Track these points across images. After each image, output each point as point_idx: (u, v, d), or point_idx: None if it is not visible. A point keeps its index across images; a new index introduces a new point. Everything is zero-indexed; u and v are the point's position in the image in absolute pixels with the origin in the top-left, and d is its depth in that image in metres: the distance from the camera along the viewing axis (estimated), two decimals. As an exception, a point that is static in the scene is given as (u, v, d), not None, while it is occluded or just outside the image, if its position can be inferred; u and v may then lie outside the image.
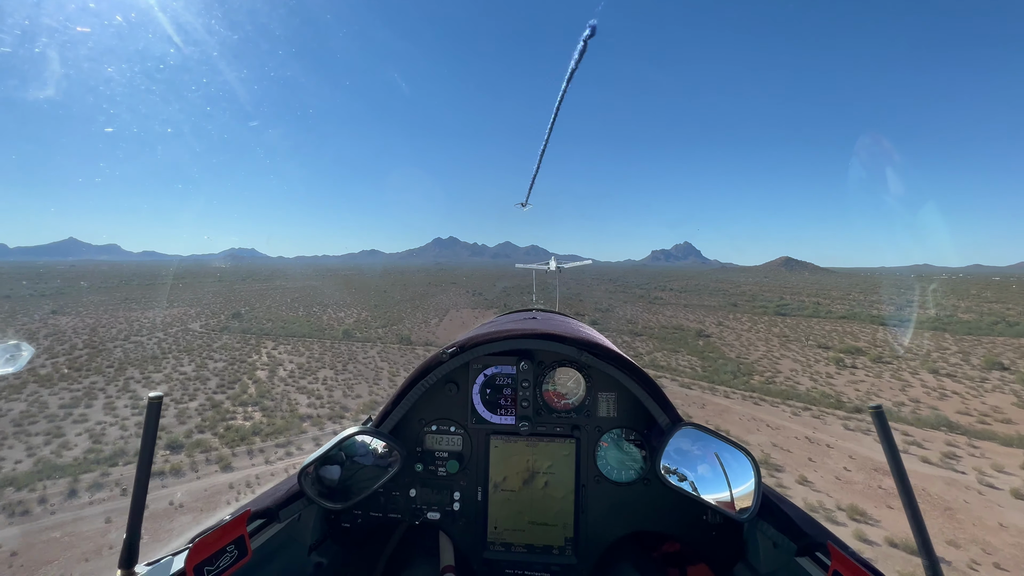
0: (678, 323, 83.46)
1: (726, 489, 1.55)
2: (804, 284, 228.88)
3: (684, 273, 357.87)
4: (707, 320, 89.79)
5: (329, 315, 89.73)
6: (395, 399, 1.92)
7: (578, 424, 1.96)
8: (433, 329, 73.14)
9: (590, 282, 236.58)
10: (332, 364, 47.03)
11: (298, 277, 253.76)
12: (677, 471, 1.62)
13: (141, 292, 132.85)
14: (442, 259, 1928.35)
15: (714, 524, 1.80)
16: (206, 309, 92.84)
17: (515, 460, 1.95)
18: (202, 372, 42.29)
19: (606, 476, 1.91)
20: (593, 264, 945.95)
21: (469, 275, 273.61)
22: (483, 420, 2.00)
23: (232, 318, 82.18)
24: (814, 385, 41.63)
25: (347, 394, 37.18)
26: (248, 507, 1.51)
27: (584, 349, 1.85)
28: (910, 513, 1.13)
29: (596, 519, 1.89)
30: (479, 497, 1.94)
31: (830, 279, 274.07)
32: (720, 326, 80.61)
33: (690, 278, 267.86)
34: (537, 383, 1.98)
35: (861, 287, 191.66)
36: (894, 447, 1.16)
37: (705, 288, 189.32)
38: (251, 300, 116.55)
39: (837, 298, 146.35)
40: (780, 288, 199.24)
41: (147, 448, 1.17)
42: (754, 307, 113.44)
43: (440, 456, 1.98)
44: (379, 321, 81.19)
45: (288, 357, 50.02)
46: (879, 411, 1.19)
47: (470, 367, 2.03)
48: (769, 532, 1.52)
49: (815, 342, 63.17)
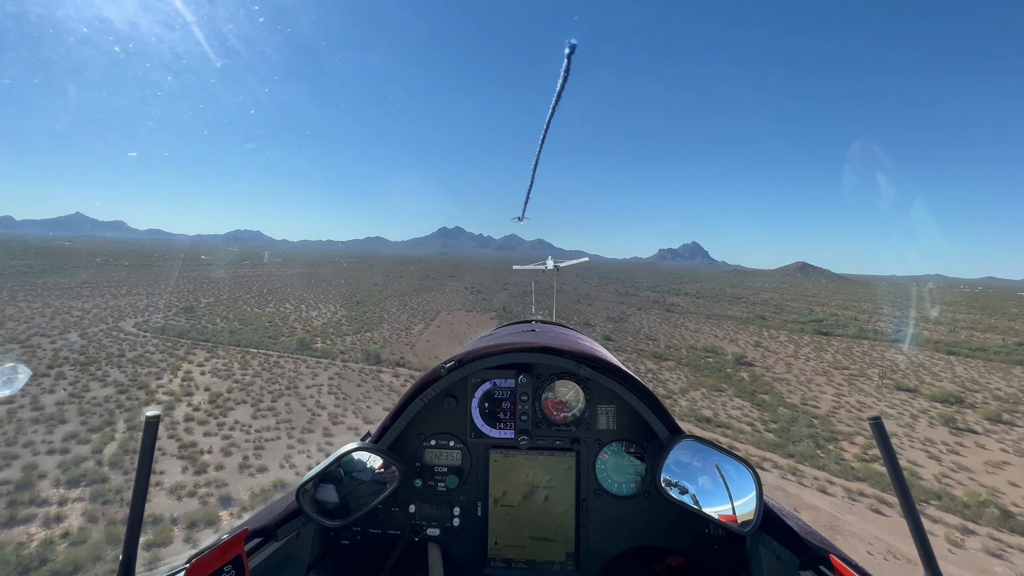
0: (708, 342, 70.54)
1: (728, 502, 1.54)
2: (825, 293, 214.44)
3: (694, 273, 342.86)
4: (740, 338, 76.81)
5: (300, 313, 77.42)
6: (393, 414, 1.89)
7: (578, 437, 1.95)
8: (414, 340, 60.62)
9: (596, 281, 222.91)
10: (260, 396, 34.59)
11: (293, 263, 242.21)
12: (678, 484, 1.61)
13: (111, 275, 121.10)
14: (447, 249, 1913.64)
15: (716, 537, 1.78)
16: (160, 300, 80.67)
17: (515, 474, 1.93)
18: (65, 408, 29.84)
19: (607, 490, 1.89)
20: (599, 261, 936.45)
21: (471, 268, 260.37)
22: (482, 434, 1.97)
23: (182, 313, 70.05)
24: (940, 470, 28.75)
25: (247, 463, 24.61)
26: (245, 526, 1.50)
27: (583, 362, 1.84)
28: (911, 522, 1.13)
29: (597, 533, 1.87)
30: (479, 512, 1.91)
31: (850, 288, 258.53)
32: (759, 348, 67.58)
33: (702, 280, 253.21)
34: (536, 396, 1.97)
35: (889, 299, 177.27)
36: (894, 457, 1.17)
37: (722, 293, 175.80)
38: (223, 290, 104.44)
39: (871, 312, 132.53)
40: (802, 296, 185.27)
41: (144, 466, 1.17)
42: (786, 322, 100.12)
43: (439, 471, 1.95)
44: (353, 325, 68.79)
45: (209, 379, 37.65)
46: (878, 422, 1.21)
47: (468, 381, 1.99)
48: (772, 545, 1.51)
49: (889, 380, 50.14)
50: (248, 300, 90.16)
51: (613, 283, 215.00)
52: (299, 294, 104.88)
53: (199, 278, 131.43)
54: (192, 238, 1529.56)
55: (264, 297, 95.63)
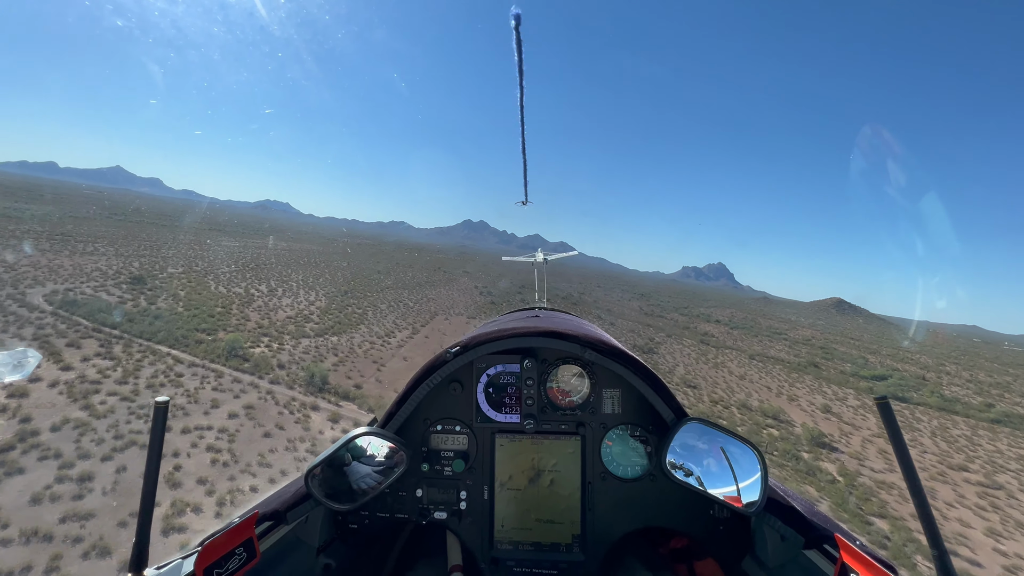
0: (761, 397, 55.73)
1: (732, 483, 1.55)
2: (867, 335, 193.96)
3: (720, 297, 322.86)
4: (798, 393, 61.63)
5: (270, 300, 65.35)
6: (400, 399, 1.90)
7: (583, 421, 1.96)
8: (388, 355, 47.59)
9: (619, 294, 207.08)
10: (88, 447, 21.84)
11: (305, 239, 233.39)
12: (683, 466, 1.62)
13: (101, 229, 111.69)
14: (468, 242, 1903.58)
15: (721, 519, 1.80)
16: (113, 266, 69.61)
17: (521, 458, 1.94)
18: None
19: (612, 473, 1.90)
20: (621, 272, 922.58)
21: (487, 264, 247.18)
22: (488, 419, 1.98)
23: (126, 284, 58.52)
24: None
25: None
26: (256, 509, 1.52)
27: (587, 346, 1.85)
28: (917, 503, 1.13)
29: (603, 516, 1.88)
30: (485, 496, 1.93)
31: (892, 332, 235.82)
32: (831, 417, 52.34)
33: (731, 305, 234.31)
34: (541, 381, 1.97)
35: (942, 353, 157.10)
36: (900, 438, 1.15)
37: (756, 325, 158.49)
38: (205, 260, 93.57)
39: (933, 368, 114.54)
40: (845, 338, 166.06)
41: (154, 452, 1.16)
42: (844, 375, 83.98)
43: (446, 455, 1.96)
44: (324, 322, 56.21)
45: (49, 397, 25.20)
46: (885, 403, 1.18)
47: (474, 366, 2.00)
48: (777, 525, 1.52)
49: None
50: (224, 275, 78.72)
51: (636, 298, 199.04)
52: (286, 274, 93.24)
53: (190, 242, 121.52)
54: (223, 202, 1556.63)
55: (243, 273, 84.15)
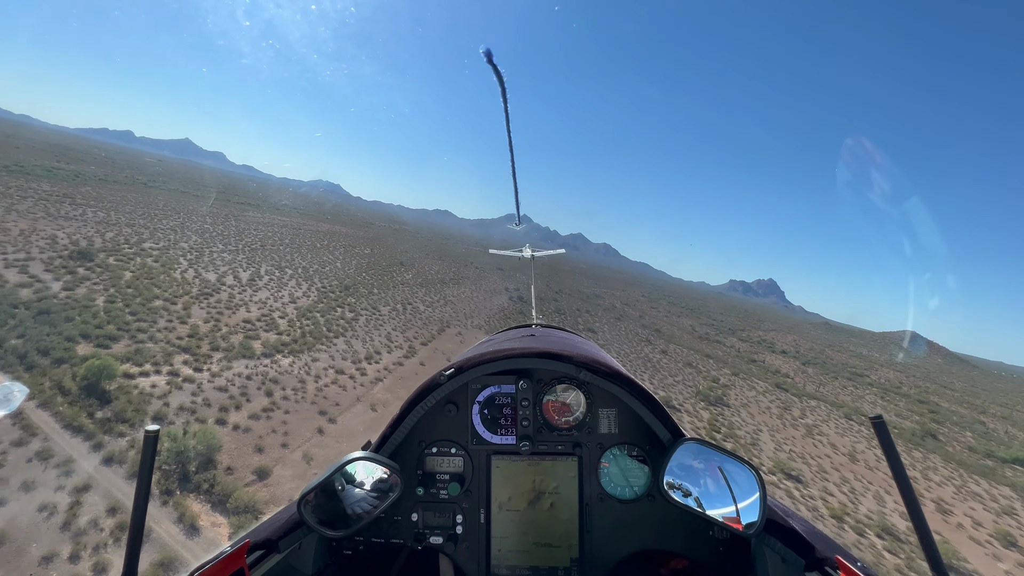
0: (896, 505, 37.99)
1: (731, 504, 1.54)
2: (960, 382, 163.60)
3: (775, 317, 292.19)
4: (945, 495, 42.95)
5: (246, 291, 53.33)
6: (394, 422, 1.88)
7: (580, 442, 1.95)
8: (355, 395, 33.64)
9: (666, 307, 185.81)
10: None
11: (341, 220, 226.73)
12: (681, 487, 1.61)
13: (109, 194, 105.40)
14: (509, 235, 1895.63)
15: (721, 540, 1.79)
16: (77, 234, 59.74)
17: (517, 480, 1.93)
18: None
19: (610, 494, 1.89)
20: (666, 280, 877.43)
21: (526, 261, 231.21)
22: (484, 440, 1.97)
23: (64, 259, 47.71)
24: None
25: None
26: (247, 538, 1.48)
27: (582, 366, 1.84)
28: (913, 517, 1.14)
29: (601, 538, 1.87)
30: (482, 519, 1.91)
31: (985, 380, 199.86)
32: (994, 541, 33.98)
33: (791, 329, 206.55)
34: (537, 401, 1.97)
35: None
36: (895, 455, 1.18)
37: (829, 360, 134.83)
38: (206, 233, 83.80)
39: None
40: (936, 386, 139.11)
41: (144, 479, 1.16)
42: (976, 453, 63.26)
43: (441, 478, 1.95)
44: (296, 329, 43.20)
45: None
46: (880, 421, 1.20)
47: (469, 387, 1.99)
48: (777, 547, 1.50)
49: None
50: (212, 256, 67.96)
51: (686, 313, 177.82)
52: (289, 258, 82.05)
53: (219, 215, 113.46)
54: (279, 180, 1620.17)
55: (237, 255, 73.25)
